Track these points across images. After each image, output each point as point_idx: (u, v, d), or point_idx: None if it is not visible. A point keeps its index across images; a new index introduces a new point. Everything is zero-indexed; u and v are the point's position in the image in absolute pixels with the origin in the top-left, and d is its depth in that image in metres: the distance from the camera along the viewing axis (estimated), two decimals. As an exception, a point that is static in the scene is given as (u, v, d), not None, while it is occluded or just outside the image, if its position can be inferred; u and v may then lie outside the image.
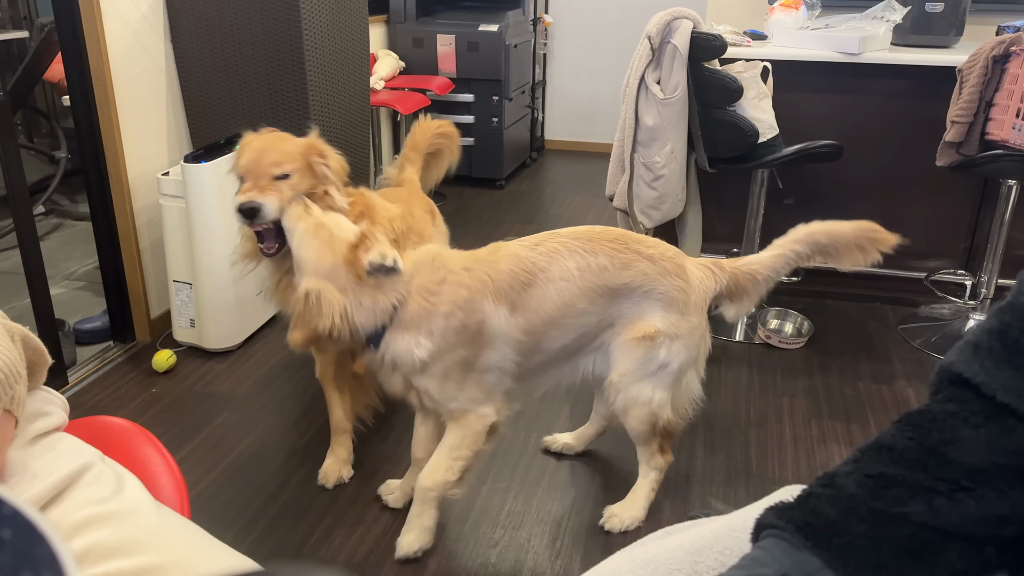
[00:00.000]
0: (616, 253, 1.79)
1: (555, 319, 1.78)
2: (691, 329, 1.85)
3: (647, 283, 1.80)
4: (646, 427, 1.90)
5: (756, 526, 0.71)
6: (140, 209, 2.82)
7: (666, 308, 1.82)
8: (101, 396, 2.58)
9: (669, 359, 1.83)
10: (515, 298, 1.74)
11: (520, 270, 1.75)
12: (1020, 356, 0.64)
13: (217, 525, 2.00)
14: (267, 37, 2.81)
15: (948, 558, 0.64)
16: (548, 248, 1.79)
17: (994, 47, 2.58)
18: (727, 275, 1.90)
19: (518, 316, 1.75)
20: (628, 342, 1.83)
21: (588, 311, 1.79)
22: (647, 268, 1.81)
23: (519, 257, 1.76)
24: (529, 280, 1.75)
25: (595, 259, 1.78)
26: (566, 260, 1.77)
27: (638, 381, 1.84)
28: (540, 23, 5.36)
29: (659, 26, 2.68)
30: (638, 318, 1.82)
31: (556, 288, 1.76)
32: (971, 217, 3.18)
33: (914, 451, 0.68)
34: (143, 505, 0.92)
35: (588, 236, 1.81)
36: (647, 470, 2.00)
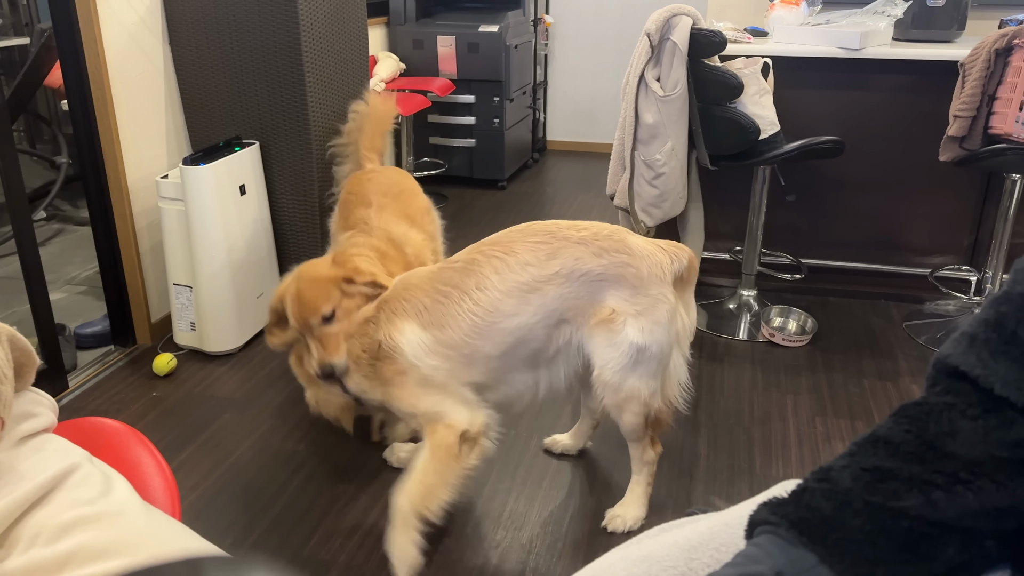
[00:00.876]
0: (540, 246, 1.75)
1: (479, 329, 1.75)
2: (653, 302, 1.75)
3: (581, 266, 1.74)
4: (639, 420, 1.86)
5: (750, 522, 0.69)
6: (139, 212, 2.81)
7: (615, 286, 1.75)
8: (102, 400, 2.58)
9: (645, 340, 1.75)
10: (428, 317, 1.77)
11: (434, 289, 1.78)
12: (1017, 347, 0.63)
13: (217, 527, 1.99)
14: (265, 39, 2.80)
15: (947, 552, 0.62)
16: (464, 261, 1.79)
17: (996, 40, 2.56)
18: (687, 255, 1.83)
19: (434, 331, 1.76)
20: (591, 332, 1.78)
21: (518, 312, 1.75)
22: (578, 252, 1.74)
23: (432, 278, 1.79)
24: (441, 297, 1.77)
25: (515, 258, 1.75)
26: (481, 268, 1.76)
27: (625, 376, 1.79)
28: (541, 23, 5.35)
29: (658, 23, 2.66)
30: (590, 305, 1.77)
31: (472, 298, 1.75)
32: (975, 212, 3.15)
33: (911, 444, 0.66)
34: (131, 506, 0.91)
35: (508, 237, 1.79)
36: (639, 466, 1.98)
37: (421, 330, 1.77)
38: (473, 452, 1.80)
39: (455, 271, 1.79)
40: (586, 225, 1.79)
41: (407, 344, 1.77)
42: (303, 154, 2.94)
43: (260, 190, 2.91)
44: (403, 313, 1.79)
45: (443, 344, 1.76)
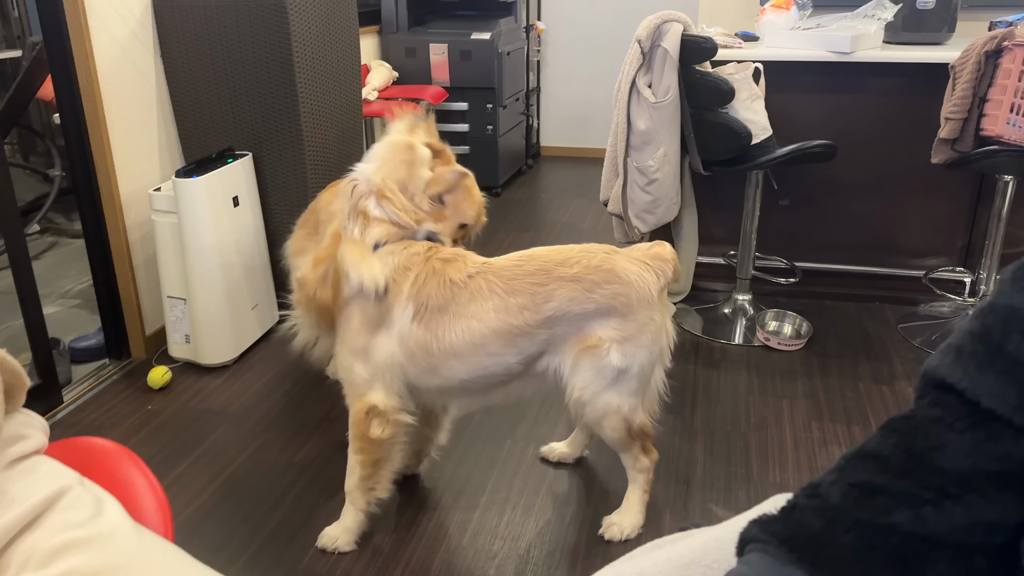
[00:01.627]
0: (538, 287, 1.76)
1: (458, 352, 1.78)
2: (639, 328, 1.79)
3: (574, 307, 1.76)
4: (621, 434, 1.88)
5: (740, 539, 0.69)
6: (133, 225, 2.81)
7: (605, 316, 1.77)
8: (96, 414, 2.57)
9: (627, 363, 1.79)
10: (424, 312, 1.77)
11: (442, 291, 1.77)
12: (1003, 360, 0.63)
13: (213, 541, 1.98)
14: (257, 50, 2.80)
15: (936, 568, 0.62)
16: (476, 284, 1.78)
17: (986, 43, 2.57)
18: (671, 263, 1.85)
19: (418, 327, 1.77)
20: (575, 358, 1.80)
21: (502, 353, 1.78)
22: (571, 293, 1.76)
23: (452, 282, 1.78)
24: (443, 306, 1.77)
25: (514, 299, 1.76)
26: (485, 300, 1.76)
27: (602, 392, 1.82)
28: (533, 30, 5.36)
29: (649, 30, 2.67)
30: (575, 335, 1.79)
31: (465, 325, 1.76)
32: (968, 214, 3.16)
33: (899, 458, 0.66)
34: (122, 529, 0.91)
35: (514, 272, 1.78)
36: (634, 474, 1.98)
37: (413, 320, 1.78)
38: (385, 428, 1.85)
39: (462, 289, 1.78)
40: (578, 257, 1.79)
41: (397, 317, 1.78)
42: (296, 164, 2.94)
43: (253, 201, 2.91)
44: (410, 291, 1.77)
45: (418, 343, 1.78)
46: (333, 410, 2.55)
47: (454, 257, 1.82)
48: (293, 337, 2.19)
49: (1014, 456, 0.62)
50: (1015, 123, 2.53)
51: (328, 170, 3.09)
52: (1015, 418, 0.62)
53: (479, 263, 1.82)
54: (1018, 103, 2.51)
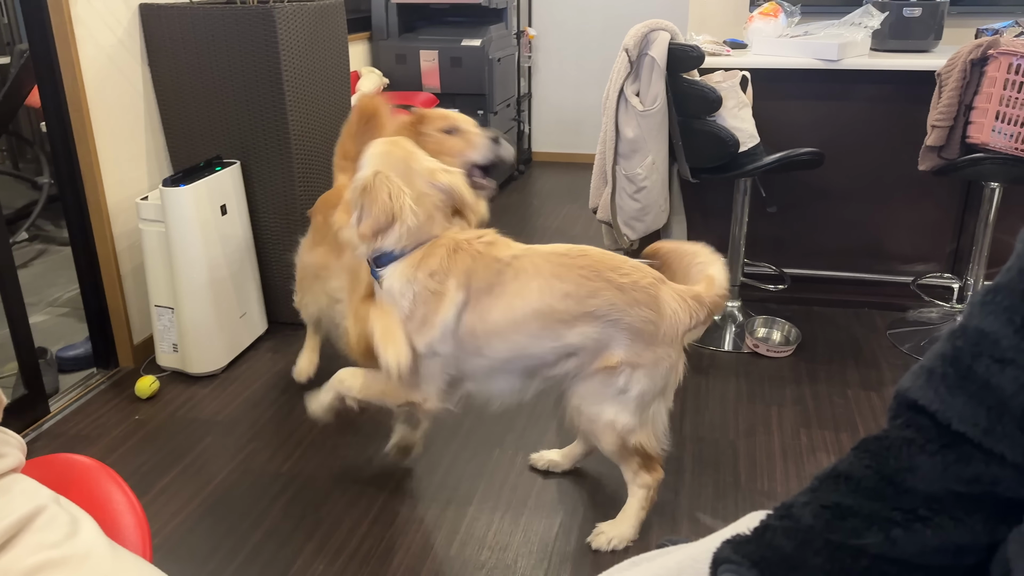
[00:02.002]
0: (585, 281, 1.77)
1: (500, 331, 1.79)
2: (655, 360, 1.81)
3: (613, 312, 1.77)
4: (615, 448, 1.89)
5: (714, 560, 0.69)
6: (120, 234, 2.80)
7: (631, 339, 1.79)
8: (83, 424, 2.56)
9: (629, 385, 1.82)
10: (473, 296, 1.79)
11: (489, 273, 1.79)
12: (973, 382, 0.63)
13: (199, 552, 1.98)
14: (245, 58, 2.80)
15: (906, 591, 0.62)
16: (521, 264, 1.80)
17: (972, 51, 2.58)
18: (706, 309, 1.85)
19: (468, 312, 1.79)
20: (589, 373, 1.83)
21: (540, 335, 1.79)
22: (615, 298, 1.77)
23: (497, 260, 1.80)
24: (488, 288, 1.78)
25: (560, 284, 1.77)
26: (530, 279, 1.78)
27: (597, 403, 1.84)
28: (524, 36, 5.37)
29: (636, 38, 2.67)
30: (602, 348, 1.80)
31: (507, 303, 1.78)
32: (956, 220, 3.18)
33: (871, 480, 0.66)
34: (97, 548, 0.90)
35: (563, 260, 1.80)
36: (634, 488, 1.98)
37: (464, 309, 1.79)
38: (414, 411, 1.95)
39: (507, 267, 1.80)
40: (629, 269, 1.80)
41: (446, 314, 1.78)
42: (284, 172, 2.93)
43: (242, 210, 2.90)
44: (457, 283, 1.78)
45: (467, 329, 1.79)
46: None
47: (495, 240, 1.85)
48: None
49: (984, 479, 0.62)
50: (1000, 131, 2.55)
51: (317, 178, 3.09)
52: (984, 441, 0.62)
53: (522, 247, 1.84)
54: (1003, 111, 2.52)
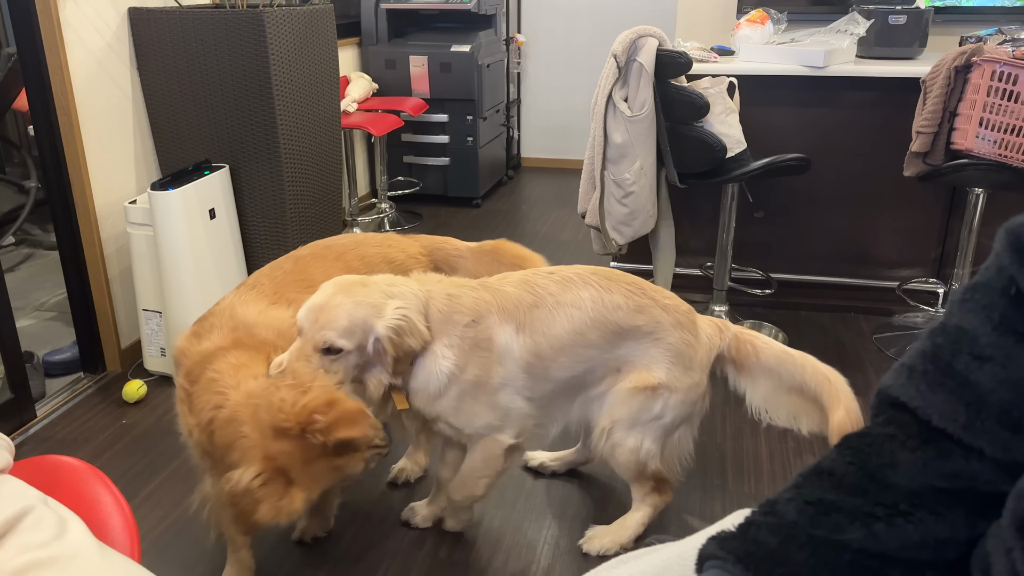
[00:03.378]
0: (632, 295, 1.78)
1: (564, 345, 1.74)
2: (692, 385, 1.82)
3: (658, 331, 1.78)
4: (632, 472, 1.88)
5: (699, 557, 0.70)
6: (108, 238, 2.79)
7: (672, 361, 1.79)
8: (70, 429, 2.54)
9: (664, 412, 1.81)
10: (520, 318, 1.72)
11: (526, 292, 1.74)
12: (953, 379, 0.64)
13: (187, 558, 1.97)
14: (234, 62, 2.80)
15: (888, 584, 0.63)
16: (562, 276, 1.78)
17: (956, 58, 2.61)
18: (730, 336, 1.88)
19: (525, 336, 1.72)
20: (627, 391, 1.80)
21: (598, 345, 1.76)
22: (660, 316, 1.78)
23: (527, 282, 1.76)
24: (536, 303, 1.73)
25: (609, 296, 1.76)
26: (580, 290, 1.76)
27: (628, 429, 1.82)
28: (513, 42, 5.38)
29: (624, 44, 2.69)
30: (643, 367, 1.79)
31: (566, 313, 1.73)
32: (940, 226, 3.21)
33: (854, 476, 0.67)
34: (85, 549, 0.90)
35: (606, 274, 1.81)
36: (640, 505, 1.97)
37: (518, 335, 1.72)
38: (513, 459, 1.86)
39: (551, 281, 1.77)
40: (668, 294, 1.85)
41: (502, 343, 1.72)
42: (273, 177, 2.93)
43: (230, 214, 2.90)
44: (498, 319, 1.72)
45: (530, 352, 1.73)
46: (310, 423, 2.54)
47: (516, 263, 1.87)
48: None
49: (963, 474, 0.63)
50: (984, 137, 2.58)
51: (306, 182, 3.09)
52: (964, 437, 0.63)
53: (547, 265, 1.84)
54: (987, 117, 2.55)
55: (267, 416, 1.45)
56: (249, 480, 1.41)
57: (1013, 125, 2.50)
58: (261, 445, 1.45)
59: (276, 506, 1.42)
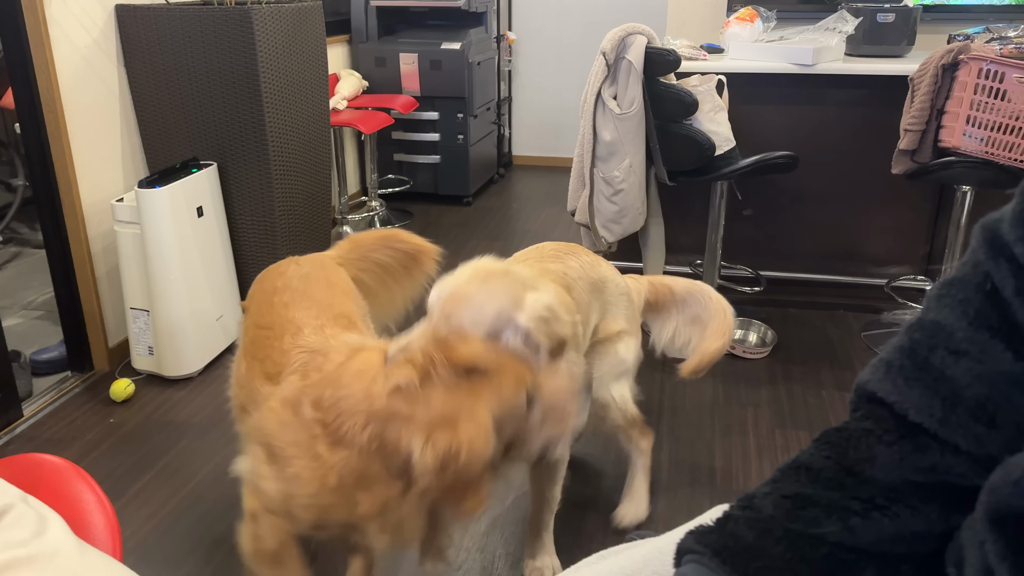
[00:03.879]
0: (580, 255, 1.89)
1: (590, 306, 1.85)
2: (638, 328, 1.99)
3: (610, 282, 1.91)
4: (621, 421, 1.98)
5: (677, 551, 0.70)
6: (95, 236, 2.78)
7: (625, 307, 1.94)
8: (58, 428, 2.53)
9: (626, 355, 1.93)
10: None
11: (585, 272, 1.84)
12: (928, 374, 0.64)
13: (174, 557, 1.96)
14: (222, 60, 2.79)
15: (863, 578, 0.63)
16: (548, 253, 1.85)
17: (943, 56, 2.62)
18: (647, 283, 2.05)
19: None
20: (602, 343, 1.91)
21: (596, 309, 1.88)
22: (606, 269, 1.92)
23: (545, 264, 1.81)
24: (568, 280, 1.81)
25: (579, 259, 1.87)
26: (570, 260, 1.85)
27: (610, 383, 1.94)
28: (504, 40, 5.38)
29: (614, 42, 2.69)
30: (610, 318, 1.92)
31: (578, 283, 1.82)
32: (929, 223, 3.22)
33: (831, 470, 0.67)
34: (65, 547, 0.90)
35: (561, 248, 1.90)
36: (637, 457, 2.08)
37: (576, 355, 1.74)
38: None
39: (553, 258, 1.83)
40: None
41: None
42: (262, 174, 2.92)
43: (218, 211, 2.89)
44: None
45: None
46: (298, 422, 2.53)
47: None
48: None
49: (939, 468, 0.63)
50: (971, 135, 2.59)
51: (295, 180, 3.08)
52: (940, 431, 0.63)
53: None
54: (974, 115, 2.56)
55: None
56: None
57: (1000, 123, 2.51)
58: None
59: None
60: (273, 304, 1.63)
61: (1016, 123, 2.50)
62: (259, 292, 1.74)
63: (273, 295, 1.66)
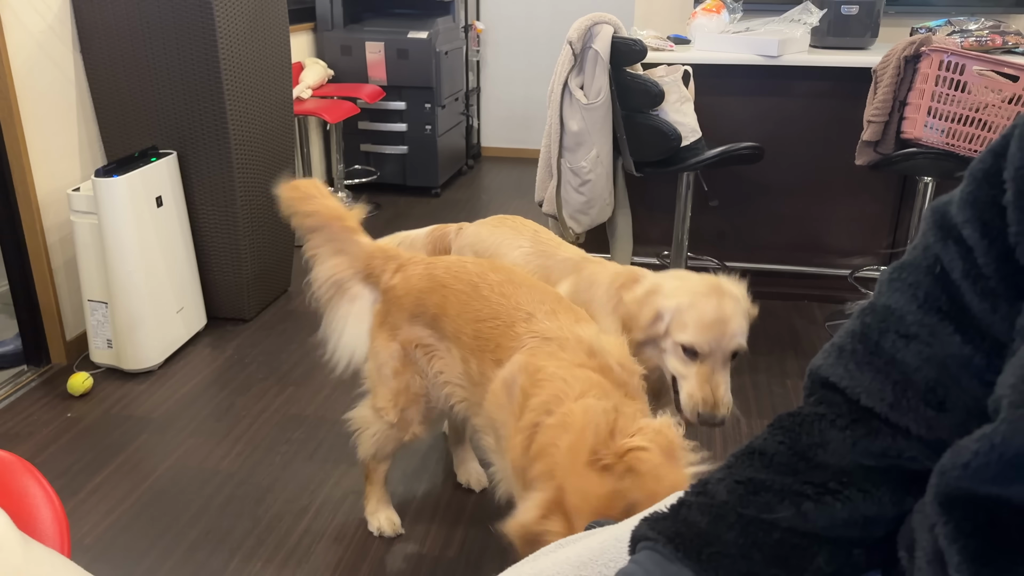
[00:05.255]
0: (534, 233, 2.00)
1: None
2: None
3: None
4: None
5: (632, 537, 0.69)
6: (51, 227, 2.71)
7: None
8: (13, 423, 2.47)
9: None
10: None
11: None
12: (879, 358, 0.64)
13: (134, 552, 1.92)
14: (181, 46, 2.73)
15: (816, 562, 0.63)
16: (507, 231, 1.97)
17: (906, 48, 2.64)
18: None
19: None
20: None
21: None
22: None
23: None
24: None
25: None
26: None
27: None
28: (472, 30, 5.34)
29: (580, 31, 2.68)
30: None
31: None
32: (892, 214, 3.25)
33: (784, 455, 0.67)
34: (8, 542, 0.87)
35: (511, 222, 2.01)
36: None
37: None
38: None
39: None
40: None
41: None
42: (223, 164, 2.87)
43: (178, 201, 2.84)
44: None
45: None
46: (261, 415, 2.50)
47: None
48: None
49: (890, 452, 0.63)
50: (932, 126, 2.62)
51: (256, 169, 3.03)
52: (891, 415, 0.63)
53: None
54: (935, 107, 2.59)
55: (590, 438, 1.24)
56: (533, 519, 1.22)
57: (961, 114, 2.55)
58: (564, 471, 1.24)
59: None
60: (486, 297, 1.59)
61: (976, 115, 2.53)
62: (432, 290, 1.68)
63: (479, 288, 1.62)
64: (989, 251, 0.58)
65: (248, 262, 3.03)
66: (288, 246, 3.36)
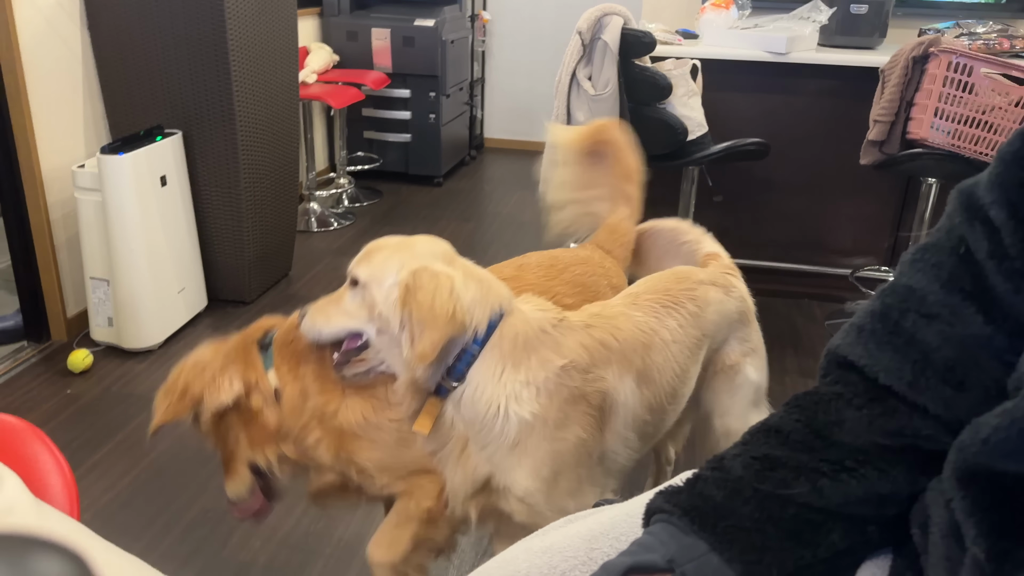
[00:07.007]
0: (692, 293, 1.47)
1: (675, 391, 1.40)
2: (757, 336, 1.65)
3: (725, 308, 1.53)
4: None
5: (647, 511, 0.70)
6: (55, 203, 2.71)
7: (739, 326, 1.59)
8: (13, 398, 2.47)
9: (759, 377, 1.63)
10: (640, 366, 1.33)
11: (638, 330, 1.35)
12: (899, 337, 0.65)
13: (132, 529, 1.93)
14: (189, 26, 2.73)
15: (831, 538, 0.64)
16: (646, 302, 1.42)
17: (914, 48, 2.65)
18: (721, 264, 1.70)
19: (643, 389, 1.34)
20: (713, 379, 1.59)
21: (693, 374, 1.47)
22: (717, 295, 1.52)
23: (629, 316, 1.37)
24: (648, 342, 1.35)
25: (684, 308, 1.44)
26: (665, 318, 1.40)
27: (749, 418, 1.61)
28: (478, 20, 5.34)
29: (590, 22, 2.68)
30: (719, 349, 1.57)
31: (672, 352, 1.38)
32: (894, 214, 3.26)
33: (800, 433, 0.67)
34: (20, 504, 0.87)
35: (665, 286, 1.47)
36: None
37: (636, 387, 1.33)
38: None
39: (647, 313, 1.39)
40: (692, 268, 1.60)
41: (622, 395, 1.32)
42: (228, 145, 2.87)
43: (183, 181, 2.83)
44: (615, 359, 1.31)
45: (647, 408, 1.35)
46: (262, 396, 2.50)
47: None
48: None
49: (907, 431, 0.64)
50: (939, 127, 2.62)
51: (261, 152, 3.03)
52: (908, 394, 0.64)
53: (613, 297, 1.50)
54: (942, 108, 2.59)
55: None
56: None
57: (967, 116, 2.55)
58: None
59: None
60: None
61: (982, 116, 2.54)
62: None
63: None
64: (1016, 232, 0.58)
65: (250, 245, 3.03)
66: (291, 230, 3.36)
